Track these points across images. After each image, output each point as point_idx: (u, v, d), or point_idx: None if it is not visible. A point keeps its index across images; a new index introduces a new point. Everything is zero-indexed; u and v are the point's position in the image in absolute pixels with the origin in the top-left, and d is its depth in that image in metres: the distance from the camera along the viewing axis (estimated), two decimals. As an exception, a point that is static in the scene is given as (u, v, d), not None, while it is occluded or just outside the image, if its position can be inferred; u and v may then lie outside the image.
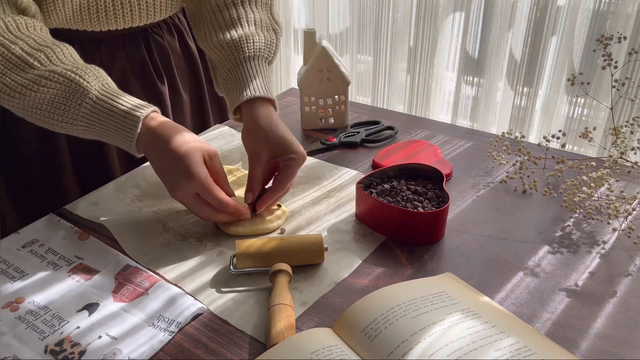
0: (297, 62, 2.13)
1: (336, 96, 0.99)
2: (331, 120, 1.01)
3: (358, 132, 0.98)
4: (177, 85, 0.99)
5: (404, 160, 0.88)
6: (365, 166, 0.89)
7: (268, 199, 0.73)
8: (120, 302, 0.62)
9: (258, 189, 0.75)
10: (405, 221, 0.70)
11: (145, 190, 0.83)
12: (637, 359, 0.54)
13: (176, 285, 0.65)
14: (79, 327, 0.58)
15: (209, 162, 0.70)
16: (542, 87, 1.60)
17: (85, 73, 0.69)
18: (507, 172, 0.87)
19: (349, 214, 0.77)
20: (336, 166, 0.89)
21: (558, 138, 0.85)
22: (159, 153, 0.69)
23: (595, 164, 0.80)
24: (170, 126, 0.70)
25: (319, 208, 0.79)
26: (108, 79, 0.72)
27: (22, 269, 0.67)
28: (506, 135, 0.89)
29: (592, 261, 0.67)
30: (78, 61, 0.72)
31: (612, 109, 1.08)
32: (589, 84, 1.49)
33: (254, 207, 0.74)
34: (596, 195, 0.78)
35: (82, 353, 0.55)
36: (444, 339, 0.50)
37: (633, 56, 1.27)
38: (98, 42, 0.88)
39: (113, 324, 0.59)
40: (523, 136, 0.87)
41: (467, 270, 0.66)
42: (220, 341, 0.57)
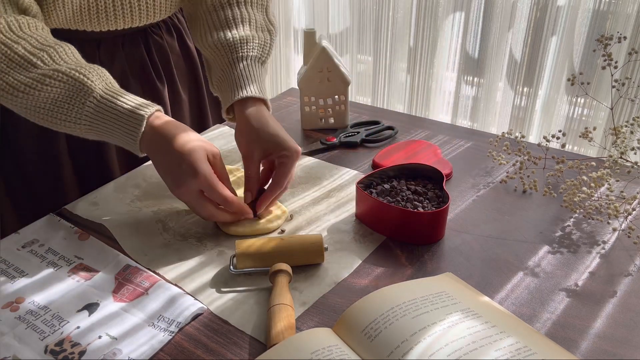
0: (297, 62, 2.13)
1: (336, 96, 0.98)
2: (331, 120, 1.01)
3: (358, 132, 0.98)
4: (176, 86, 0.99)
5: (404, 160, 0.87)
6: (365, 166, 0.89)
7: (267, 199, 0.73)
8: (120, 302, 0.62)
9: (255, 188, 0.75)
10: (405, 221, 0.70)
11: (145, 190, 0.83)
12: (637, 359, 0.54)
13: (176, 285, 0.65)
14: (79, 327, 0.58)
15: (212, 161, 0.70)
16: (542, 87, 1.60)
17: (89, 72, 0.69)
18: (507, 172, 0.87)
19: (349, 214, 0.77)
20: (336, 166, 0.89)
21: (558, 138, 0.85)
22: (162, 151, 0.69)
23: (595, 164, 0.80)
24: (174, 125, 0.70)
25: (319, 208, 0.79)
26: (111, 78, 0.72)
27: (22, 269, 0.67)
28: (506, 135, 0.89)
29: (592, 261, 0.67)
30: (81, 61, 0.72)
31: (612, 109, 1.08)
32: (589, 84, 1.49)
33: (254, 208, 0.74)
34: (596, 195, 0.78)
35: (82, 353, 0.55)
36: (444, 339, 0.50)
37: (633, 56, 1.27)
38: (97, 42, 0.88)
39: (113, 324, 0.59)
40: (523, 136, 0.87)
41: (467, 270, 0.66)
42: (220, 341, 0.57)
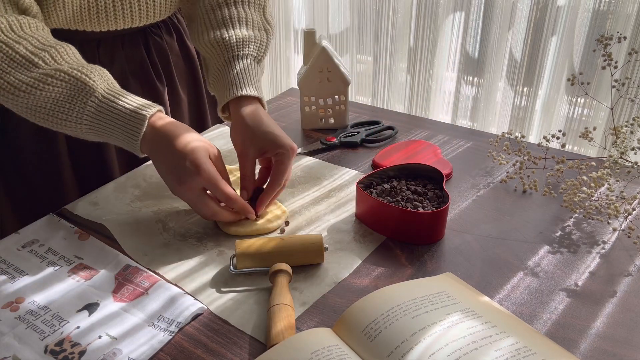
0: (297, 62, 2.13)
1: (336, 96, 0.98)
2: (331, 120, 1.01)
3: (358, 132, 0.98)
4: (175, 85, 0.99)
5: (404, 160, 0.87)
6: (365, 166, 0.89)
7: (266, 198, 0.73)
8: (120, 302, 0.62)
9: (251, 186, 0.75)
10: (405, 221, 0.70)
11: (145, 190, 0.83)
12: (637, 359, 0.54)
13: (176, 285, 0.65)
14: (79, 327, 0.58)
15: (213, 161, 0.70)
16: (542, 87, 1.60)
17: (91, 72, 0.70)
18: (507, 172, 0.87)
19: (349, 214, 0.77)
20: (336, 166, 0.89)
21: (558, 138, 0.85)
22: (163, 151, 0.69)
23: (595, 164, 0.80)
24: (176, 125, 0.70)
25: (319, 208, 0.79)
26: (112, 79, 0.72)
27: (22, 269, 0.67)
28: (506, 135, 0.89)
29: (592, 261, 0.67)
30: (82, 61, 0.72)
31: (612, 109, 1.08)
32: (589, 84, 1.49)
33: (253, 209, 0.74)
34: (596, 195, 0.78)
35: (82, 353, 0.55)
36: (444, 339, 0.50)
37: (633, 56, 1.27)
38: (97, 42, 0.88)
39: (113, 324, 0.59)
40: (523, 136, 0.87)
41: (467, 270, 0.66)
42: (220, 341, 0.57)
